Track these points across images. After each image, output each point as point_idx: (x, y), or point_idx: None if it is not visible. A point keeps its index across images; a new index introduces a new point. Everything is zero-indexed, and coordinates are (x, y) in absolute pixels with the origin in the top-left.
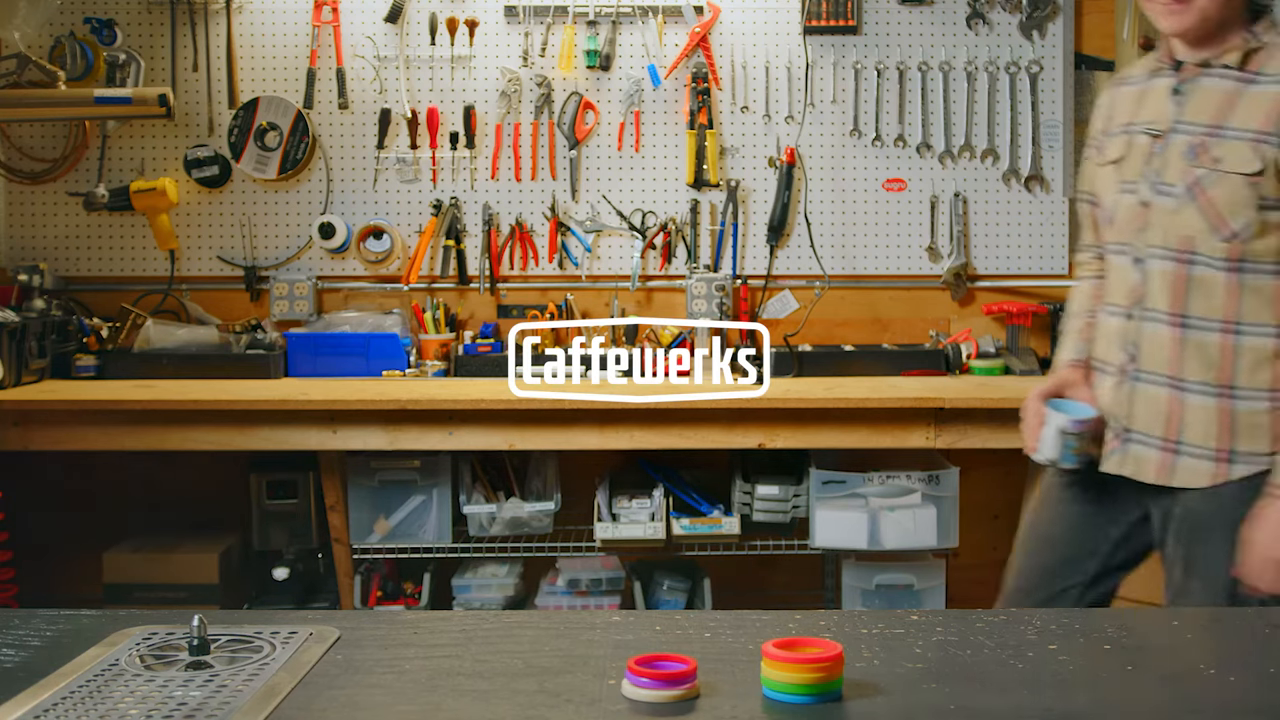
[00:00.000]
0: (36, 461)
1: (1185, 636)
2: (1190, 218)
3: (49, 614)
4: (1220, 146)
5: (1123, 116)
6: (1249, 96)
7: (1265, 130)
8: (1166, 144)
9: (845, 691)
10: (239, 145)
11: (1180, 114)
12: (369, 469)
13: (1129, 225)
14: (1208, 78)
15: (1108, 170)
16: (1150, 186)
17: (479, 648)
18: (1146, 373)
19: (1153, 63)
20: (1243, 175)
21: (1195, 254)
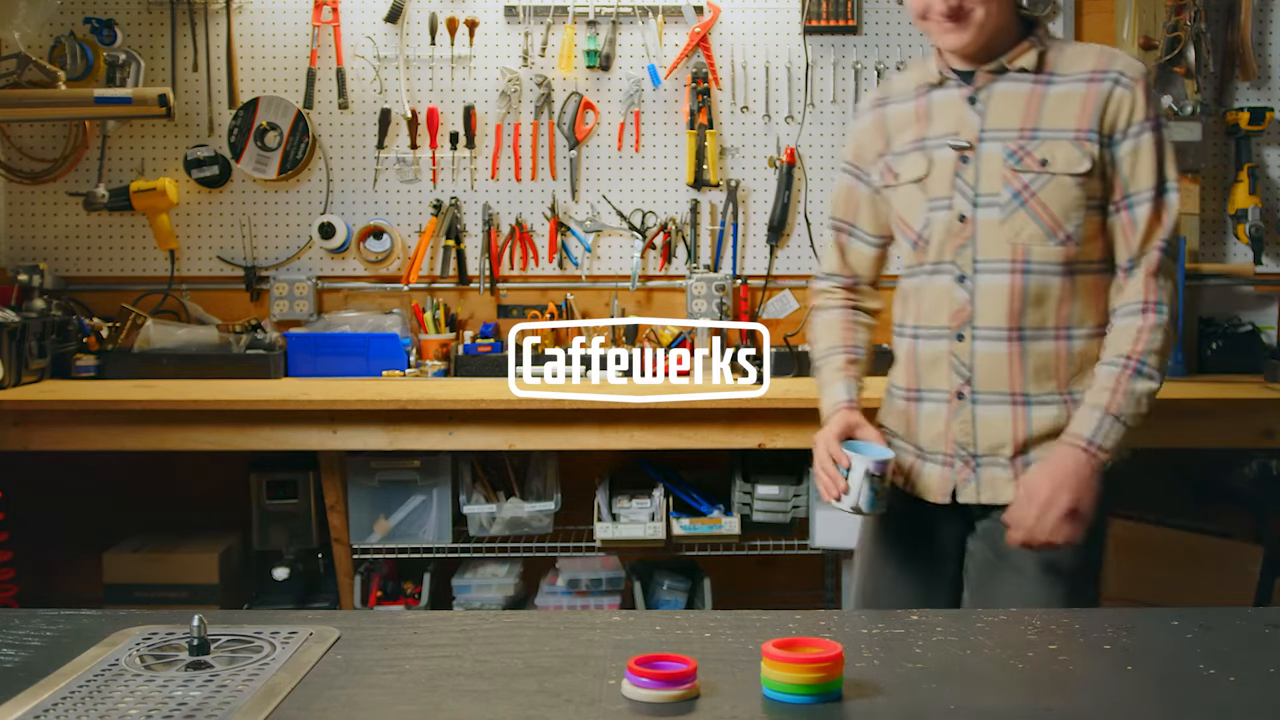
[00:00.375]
0: (36, 461)
1: (1185, 636)
2: (1021, 224)
3: (49, 614)
4: (1042, 149)
5: (907, 135)
6: (1054, 97)
7: (1083, 128)
8: (979, 154)
9: (845, 691)
10: (239, 145)
11: (985, 122)
12: (369, 469)
13: (948, 243)
14: (1004, 83)
15: (908, 191)
16: (967, 199)
17: (479, 648)
18: (986, 393)
19: (922, 77)
20: (1073, 175)
21: (1030, 262)
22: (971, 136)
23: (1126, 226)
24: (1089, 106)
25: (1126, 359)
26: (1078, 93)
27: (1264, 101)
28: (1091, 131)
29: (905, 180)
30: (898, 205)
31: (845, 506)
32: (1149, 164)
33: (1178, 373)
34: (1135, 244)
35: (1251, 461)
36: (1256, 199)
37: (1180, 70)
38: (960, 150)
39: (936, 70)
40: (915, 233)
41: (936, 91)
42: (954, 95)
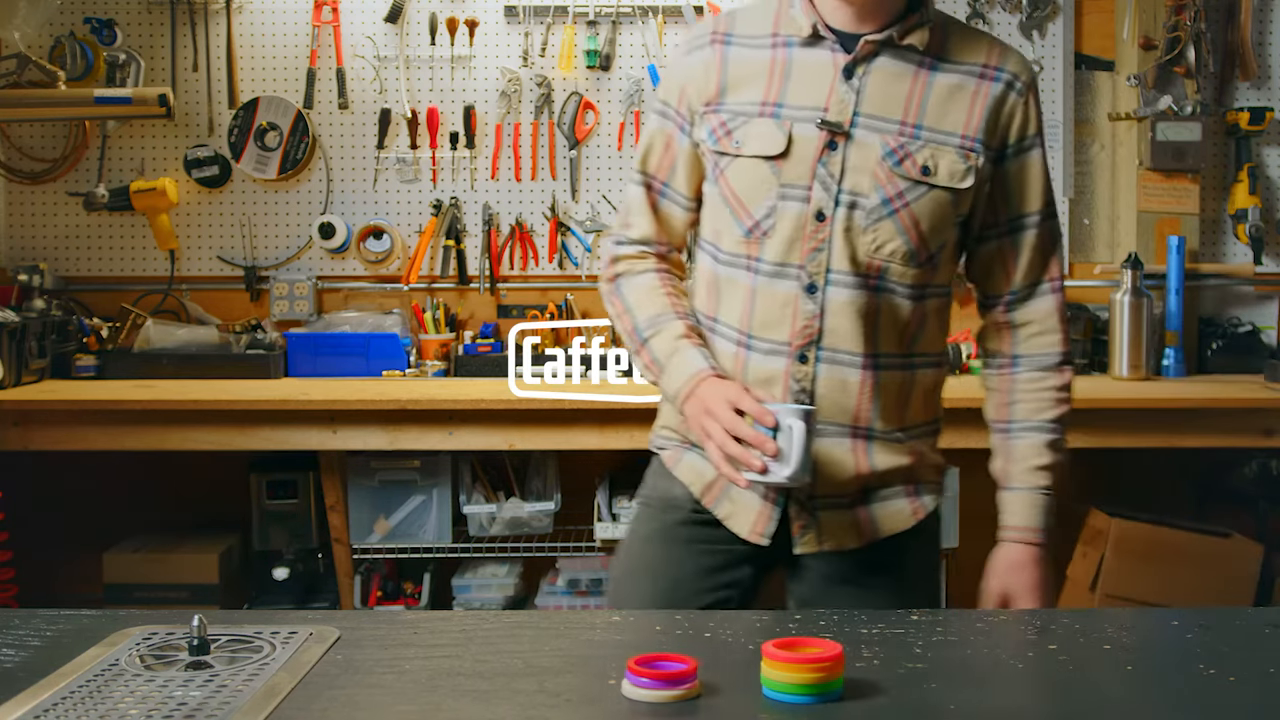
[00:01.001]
0: (36, 461)
1: (1185, 636)
2: (886, 236)
3: (49, 614)
4: (925, 152)
5: (753, 91)
6: (940, 88)
7: (970, 135)
8: (850, 141)
9: (845, 691)
10: (239, 145)
11: (860, 103)
12: (369, 469)
13: (800, 242)
14: (887, 59)
15: (753, 167)
16: (829, 194)
17: (479, 648)
18: (827, 425)
19: (784, 25)
20: (953, 190)
21: (884, 280)
22: (843, 117)
23: (1010, 255)
24: (978, 110)
25: (1053, 425)
26: (967, 89)
27: (1264, 101)
28: (978, 141)
29: (752, 153)
30: (735, 181)
31: (778, 477)
32: (1039, 185)
33: (1178, 373)
34: (1021, 275)
35: (1251, 461)
36: (1256, 199)
37: (1180, 70)
38: (831, 132)
39: (809, 23)
40: (754, 220)
41: (801, 49)
42: (825, 60)
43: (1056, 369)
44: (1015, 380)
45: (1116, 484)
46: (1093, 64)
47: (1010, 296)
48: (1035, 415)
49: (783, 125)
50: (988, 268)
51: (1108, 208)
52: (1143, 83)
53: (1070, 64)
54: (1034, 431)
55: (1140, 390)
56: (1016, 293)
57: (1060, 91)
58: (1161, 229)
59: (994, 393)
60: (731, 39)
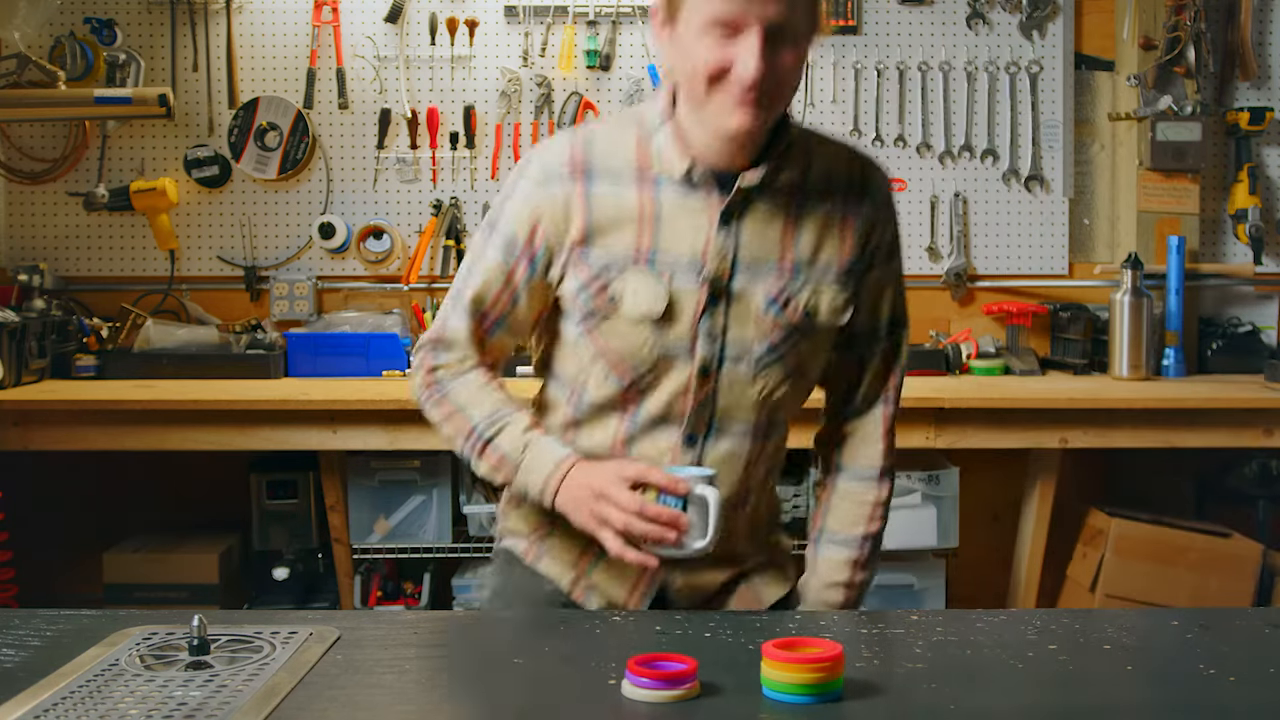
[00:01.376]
0: (36, 461)
1: (1185, 636)
2: (774, 381)
3: (49, 614)
4: (805, 293)
5: (623, 238)
6: (814, 223)
7: (844, 265)
8: (731, 293)
9: (845, 691)
10: (239, 145)
11: (739, 251)
12: (369, 469)
13: (683, 397)
14: (763, 198)
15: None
16: (713, 350)
17: (479, 648)
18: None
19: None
20: (836, 326)
21: (773, 422)
22: (723, 269)
23: (852, 366)
24: (850, 238)
25: (862, 541)
26: (836, 216)
27: (1264, 101)
28: (855, 263)
29: (632, 314)
30: (611, 339)
31: (690, 550)
32: (889, 296)
33: (1178, 373)
34: (862, 388)
35: (1251, 461)
36: (1256, 199)
37: (1180, 70)
38: (712, 287)
39: (683, 163)
40: (632, 377)
41: (673, 190)
42: (700, 205)
43: (876, 481)
44: (835, 489)
45: (1116, 484)
46: (1093, 64)
47: (849, 409)
48: (846, 528)
49: (661, 278)
50: (833, 376)
51: (1108, 208)
52: (1143, 83)
53: (1070, 64)
54: (840, 546)
55: (1140, 390)
56: (855, 405)
57: (1060, 91)
58: (1161, 229)
59: (816, 503)
60: (593, 173)
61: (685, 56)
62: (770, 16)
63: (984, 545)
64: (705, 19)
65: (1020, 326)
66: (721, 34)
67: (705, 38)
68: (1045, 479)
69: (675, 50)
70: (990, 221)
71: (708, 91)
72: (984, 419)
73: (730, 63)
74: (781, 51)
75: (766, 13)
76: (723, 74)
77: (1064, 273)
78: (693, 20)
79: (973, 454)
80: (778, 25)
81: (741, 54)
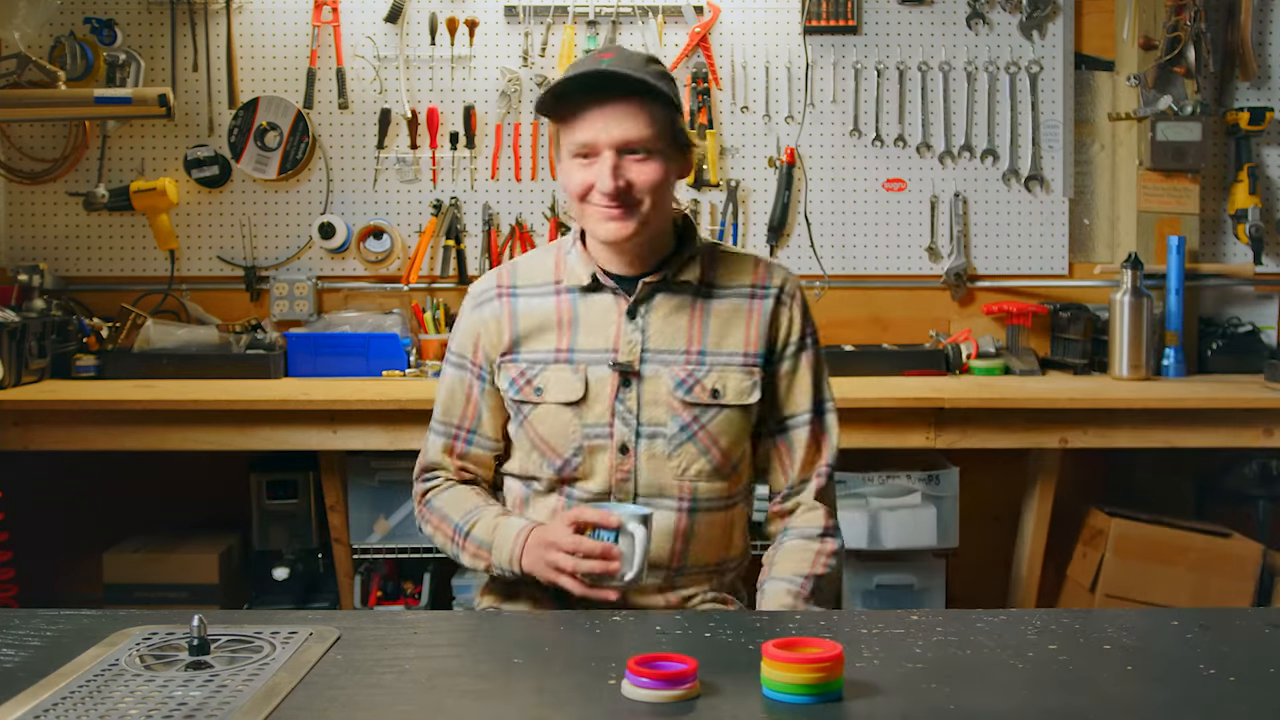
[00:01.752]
0: (36, 461)
1: (1185, 636)
2: (690, 459)
3: (49, 614)
4: (712, 377)
5: (544, 341)
6: (717, 315)
7: (751, 352)
8: (642, 378)
9: (845, 691)
10: (239, 145)
11: (647, 341)
12: (369, 469)
13: (606, 474)
14: (665, 296)
15: (555, 413)
16: (630, 429)
17: (479, 648)
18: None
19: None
20: (743, 406)
21: (696, 499)
22: (633, 357)
23: (784, 452)
24: (755, 327)
25: (804, 579)
26: (741, 311)
27: (1264, 101)
28: (760, 355)
29: (553, 400)
30: (540, 426)
31: (624, 580)
32: (806, 384)
33: (1178, 373)
34: (795, 471)
35: (1251, 461)
36: (1256, 199)
37: (1180, 70)
38: (623, 372)
39: (587, 272)
40: (563, 459)
41: (583, 296)
42: (608, 304)
43: (819, 539)
44: (780, 549)
45: (1116, 484)
46: (1093, 64)
47: (786, 491)
48: (789, 570)
49: (578, 370)
50: (768, 464)
51: (1108, 208)
52: (1143, 83)
53: (1070, 64)
54: (783, 582)
55: (1140, 390)
56: (791, 486)
57: (1060, 91)
58: (1161, 229)
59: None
60: (516, 291)
61: (566, 182)
62: (618, 140)
63: (984, 545)
64: (571, 149)
65: (1020, 326)
66: (584, 160)
67: (574, 165)
68: (1045, 479)
69: (562, 179)
70: (990, 221)
71: (582, 208)
72: (984, 419)
73: (592, 182)
74: (637, 167)
75: (613, 137)
76: (589, 191)
77: (1064, 273)
78: (564, 153)
79: (973, 454)
80: (628, 146)
81: (598, 173)
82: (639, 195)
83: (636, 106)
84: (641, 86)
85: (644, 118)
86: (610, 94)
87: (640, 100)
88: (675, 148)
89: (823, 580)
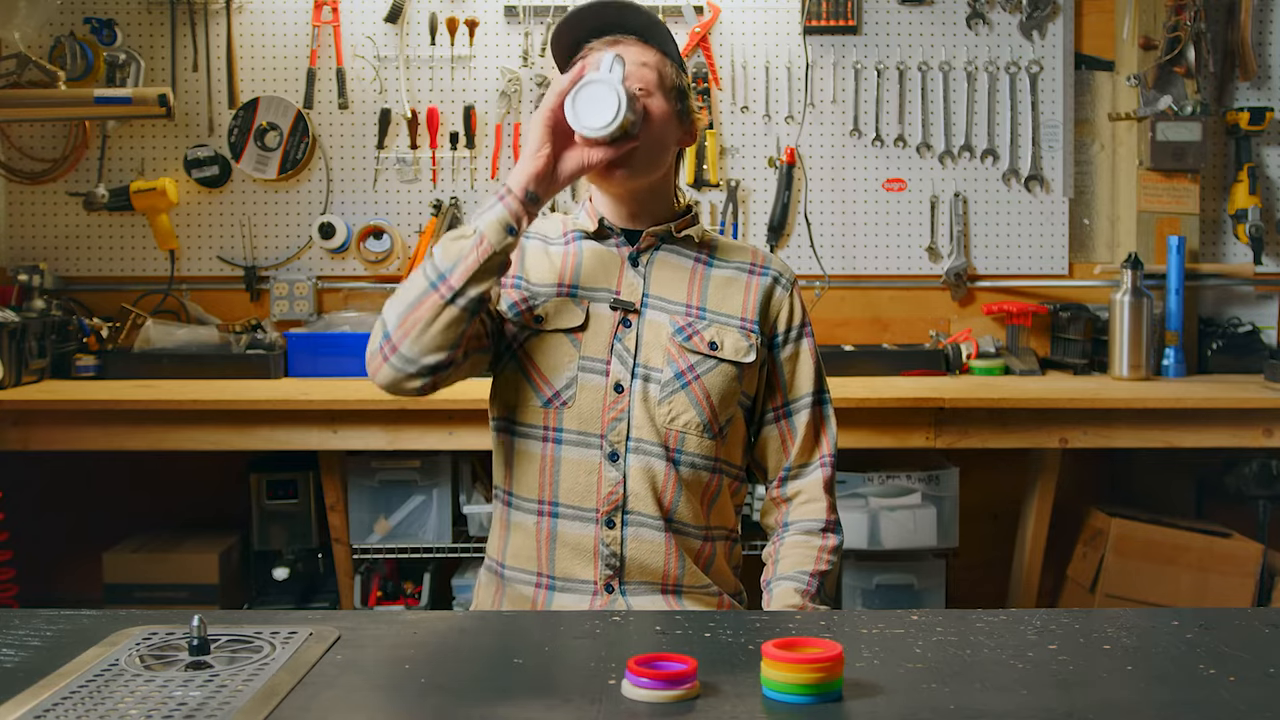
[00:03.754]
0: (36, 461)
1: (1185, 636)
2: (681, 408)
3: (49, 614)
4: (710, 330)
5: (550, 275)
6: (716, 279)
7: (748, 318)
8: (642, 319)
9: (845, 691)
10: (239, 145)
11: (648, 287)
12: (369, 469)
13: (601, 412)
14: (667, 251)
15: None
16: (625, 368)
17: (479, 648)
18: (635, 584)
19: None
20: (738, 364)
21: (681, 451)
22: (634, 298)
23: (786, 435)
24: (752, 297)
25: (810, 578)
26: (739, 280)
27: (1264, 101)
28: (755, 323)
29: (553, 327)
30: (535, 353)
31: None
32: (809, 369)
33: (1178, 373)
34: (795, 453)
35: (1251, 461)
36: (1256, 199)
37: (1180, 70)
38: (624, 310)
39: (593, 220)
40: (553, 389)
41: (589, 241)
42: (613, 250)
43: (821, 533)
44: (782, 544)
45: (1116, 484)
46: (1093, 64)
47: (784, 473)
48: (794, 568)
49: (580, 304)
50: (766, 448)
51: (1108, 208)
52: (1143, 83)
53: (1070, 64)
54: (788, 581)
55: (1140, 390)
56: (790, 469)
57: (1060, 91)
58: (1161, 229)
59: (765, 563)
60: (531, 235)
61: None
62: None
63: (984, 545)
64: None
65: (1020, 326)
66: None
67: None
68: (1045, 479)
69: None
70: (990, 221)
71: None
72: (984, 419)
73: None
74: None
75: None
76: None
77: (1064, 273)
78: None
79: (973, 454)
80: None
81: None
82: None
83: (643, 46)
84: (647, 19)
85: (652, 52)
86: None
87: (647, 42)
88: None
89: (826, 577)
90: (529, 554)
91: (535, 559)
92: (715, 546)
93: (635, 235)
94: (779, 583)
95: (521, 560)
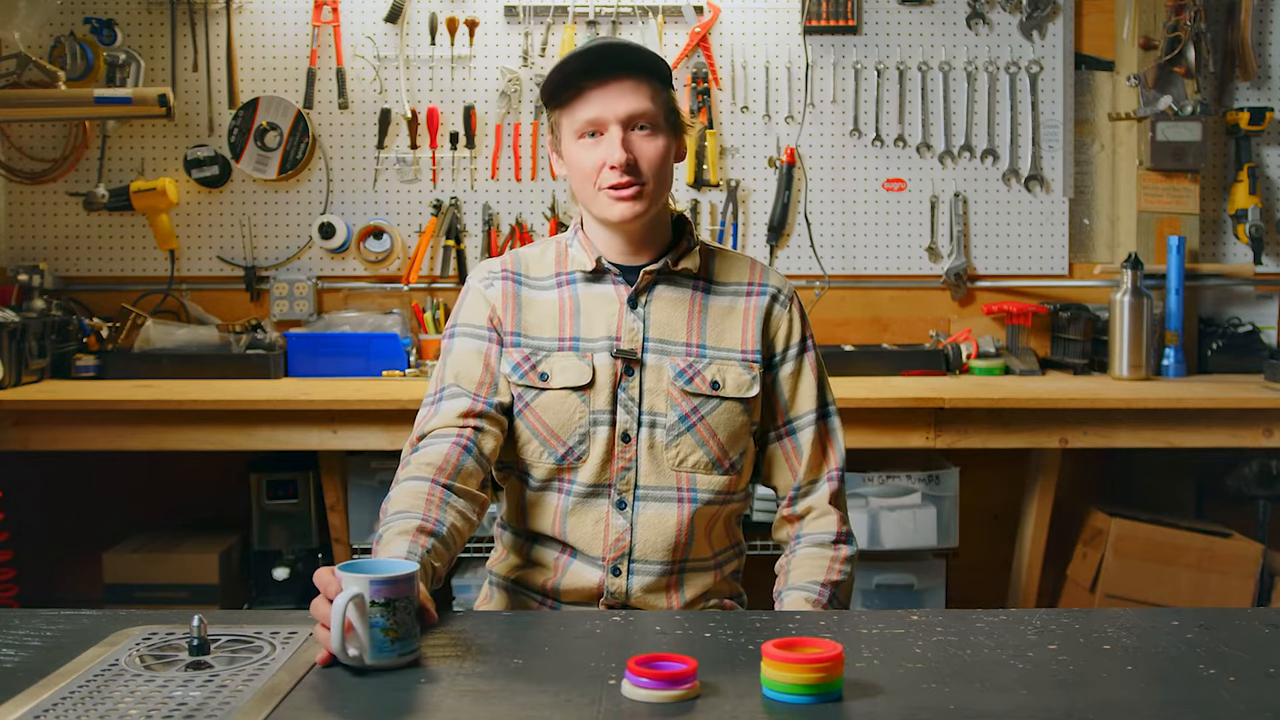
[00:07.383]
0: (36, 461)
1: (1185, 636)
2: (689, 450)
3: (49, 614)
4: (711, 369)
5: (550, 328)
6: (716, 310)
7: (749, 349)
8: (644, 366)
9: (845, 691)
10: (239, 145)
11: (648, 330)
12: (369, 469)
13: (608, 464)
14: (666, 286)
15: (561, 398)
16: (631, 417)
17: (479, 648)
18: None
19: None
20: (742, 400)
21: (695, 490)
22: (635, 345)
23: (791, 453)
24: (752, 325)
25: (821, 587)
26: (738, 308)
27: (1264, 101)
28: (757, 353)
29: (559, 385)
30: (544, 413)
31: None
32: (810, 386)
33: (1178, 373)
34: (803, 471)
35: (1251, 461)
36: (1256, 199)
37: (1180, 70)
38: (626, 360)
39: (590, 259)
40: (566, 447)
41: (586, 285)
42: (610, 293)
43: (833, 545)
44: (794, 556)
45: (1116, 484)
46: (1093, 64)
47: (794, 492)
48: (806, 578)
49: (584, 358)
50: (774, 468)
51: (1108, 208)
52: (1143, 83)
53: (1070, 64)
54: (799, 591)
55: (1140, 390)
56: (799, 487)
57: (1060, 91)
58: (1161, 229)
59: (778, 575)
60: (521, 279)
61: (573, 167)
62: (623, 114)
63: (984, 545)
64: (575, 130)
65: (1020, 326)
66: (591, 140)
67: (580, 148)
68: (1045, 479)
69: (567, 166)
70: (990, 221)
71: (594, 188)
72: (984, 419)
73: (602, 159)
74: (643, 142)
75: (619, 112)
76: (599, 171)
77: (1064, 273)
78: (568, 136)
79: (973, 454)
80: (634, 119)
81: (608, 148)
82: (646, 172)
83: (637, 82)
84: (640, 59)
85: (646, 91)
86: (612, 73)
87: (639, 77)
88: (674, 127)
89: (839, 587)
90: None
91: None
92: (723, 569)
93: (632, 272)
94: (790, 592)
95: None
